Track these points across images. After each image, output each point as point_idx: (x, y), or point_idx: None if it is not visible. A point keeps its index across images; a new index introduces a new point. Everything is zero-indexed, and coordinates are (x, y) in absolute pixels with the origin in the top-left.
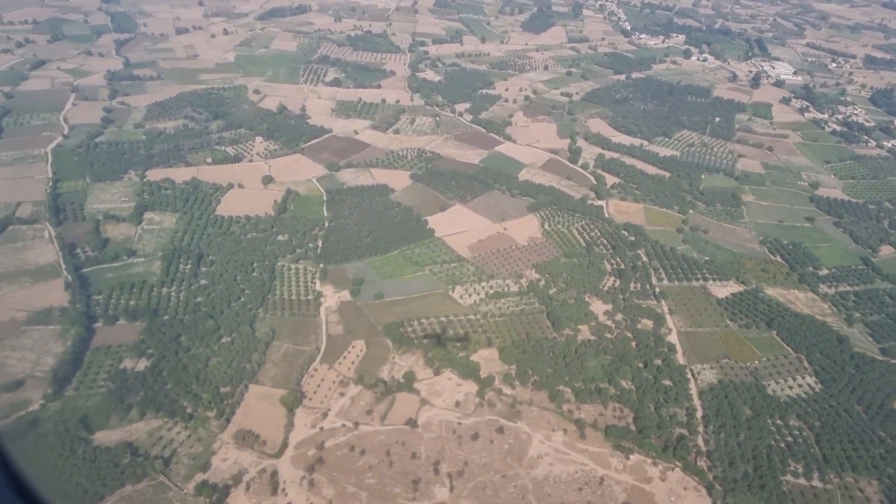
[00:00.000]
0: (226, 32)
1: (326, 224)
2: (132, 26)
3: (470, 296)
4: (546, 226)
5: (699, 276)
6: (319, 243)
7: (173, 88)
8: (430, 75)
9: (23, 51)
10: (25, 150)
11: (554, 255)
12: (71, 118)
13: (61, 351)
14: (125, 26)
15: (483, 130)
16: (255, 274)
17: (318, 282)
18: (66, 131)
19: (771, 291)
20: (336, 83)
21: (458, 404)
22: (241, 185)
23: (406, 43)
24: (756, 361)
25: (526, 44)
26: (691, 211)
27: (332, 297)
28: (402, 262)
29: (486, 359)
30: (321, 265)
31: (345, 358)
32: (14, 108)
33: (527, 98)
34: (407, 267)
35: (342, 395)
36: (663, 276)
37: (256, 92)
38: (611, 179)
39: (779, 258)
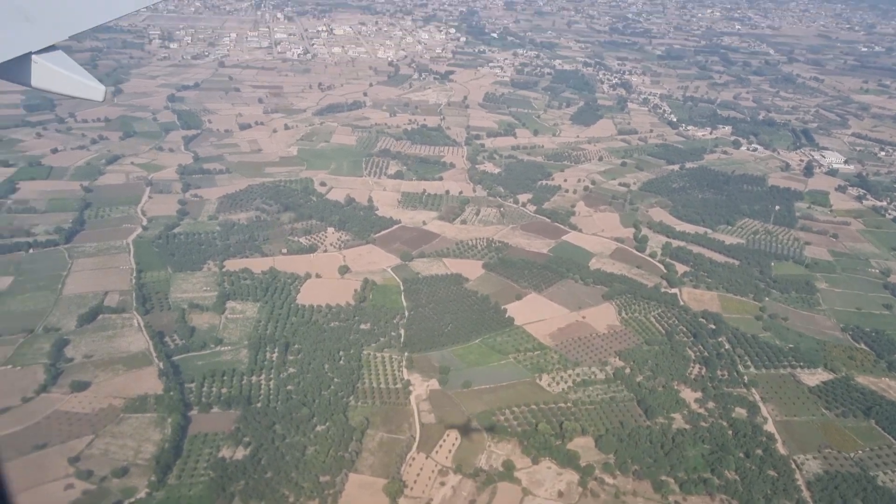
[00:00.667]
0: (286, 128)
1: (406, 313)
2: (198, 123)
3: (557, 384)
4: (623, 314)
5: (786, 363)
6: (402, 332)
7: (242, 181)
8: (489, 167)
9: (97, 147)
10: (108, 242)
11: (635, 342)
12: (148, 210)
13: (160, 438)
14: (191, 123)
15: (548, 220)
16: (342, 362)
17: (404, 370)
18: (144, 223)
19: (861, 380)
20: (399, 175)
21: (561, 494)
22: (318, 275)
23: (461, 136)
24: (859, 451)
25: (577, 136)
26: (767, 298)
27: (421, 386)
28: (486, 351)
29: (583, 447)
30: (406, 354)
31: (440, 446)
32: (94, 201)
33: (586, 188)
34: (491, 355)
35: (443, 484)
36: (749, 363)
37: (323, 184)
38: (680, 267)
39: (863, 346)
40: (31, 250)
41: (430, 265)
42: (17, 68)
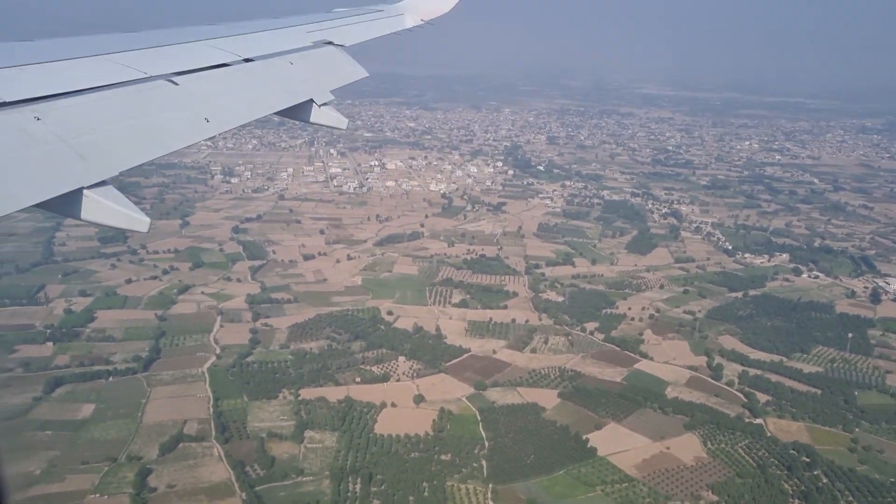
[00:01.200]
0: (349, 258)
1: (486, 443)
2: (263, 254)
3: None
4: (709, 445)
5: (890, 499)
6: (484, 463)
7: (310, 311)
8: (552, 296)
9: (169, 277)
10: (184, 370)
11: (726, 475)
12: (221, 339)
13: None
14: (256, 254)
15: (617, 348)
16: (426, 494)
17: (490, 503)
18: (217, 352)
19: None
20: (464, 304)
21: None
22: (394, 405)
23: (521, 266)
24: None
25: (635, 265)
26: (857, 429)
27: None
28: (572, 483)
29: None
30: (490, 485)
31: None
32: (168, 329)
33: (651, 316)
34: (578, 487)
35: None
36: (851, 499)
37: (390, 313)
38: (761, 396)
39: None
40: (110, 378)
41: (504, 394)
42: (68, 202)
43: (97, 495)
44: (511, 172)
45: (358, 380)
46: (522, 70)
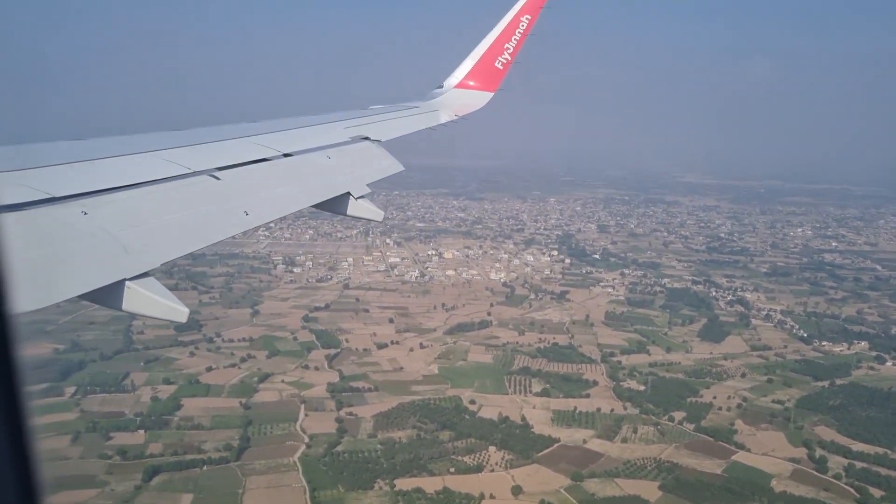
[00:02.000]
0: (422, 346)
1: None
2: (336, 342)
3: None
4: None
5: None
6: None
7: (391, 399)
8: (633, 385)
9: (247, 365)
10: (276, 459)
11: None
12: (308, 428)
13: None
14: (330, 342)
15: (710, 439)
16: None
17: None
18: (307, 441)
19: None
20: (545, 393)
21: None
22: (492, 496)
23: (595, 354)
24: None
25: (711, 353)
26: None
27: None
28: None
29: None
30: None
31: None
32: (254, 418)
33: (739, 406)
34: None
35: None
36: None
37: (472, 402)
38: (874, 491)
39: None
40: (204, 467)
41: (603, 486)
42: (110, 293)
43: None
44: (568, 261)
45: (452, 470)
46: (562, 160)
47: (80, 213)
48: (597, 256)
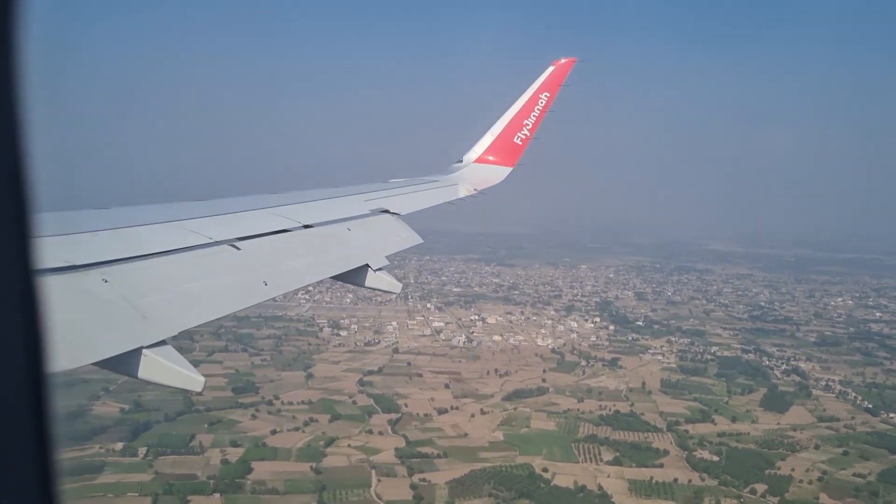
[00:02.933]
0: (482, 413)
1: None
2: (395, 407)
3: None
4: None
5: None
6: None
7: (461, 466)
8: (706, 455)
9: (310, 429)
10: None
11: None
12: (383, 494)
13: None
14: (389, 407)
15: None
16: None
17: None
18: None
19: None
20: (617, 462)
21: None
22: None
23: (659, 422)
24: None
25: (778, 423)
26: None
27: None
28: None
29: None
30: None
31: None
32: (327, 483)
33: (820, 479)
34: None
35: None
36: None
37: (545, 470)
38: None
39: None
40: None
41: None
42: (127, 361)
43: None
44: (612, 328)
45: None
46: (585, 227)
47: (101, 280)
48: (640, 323)
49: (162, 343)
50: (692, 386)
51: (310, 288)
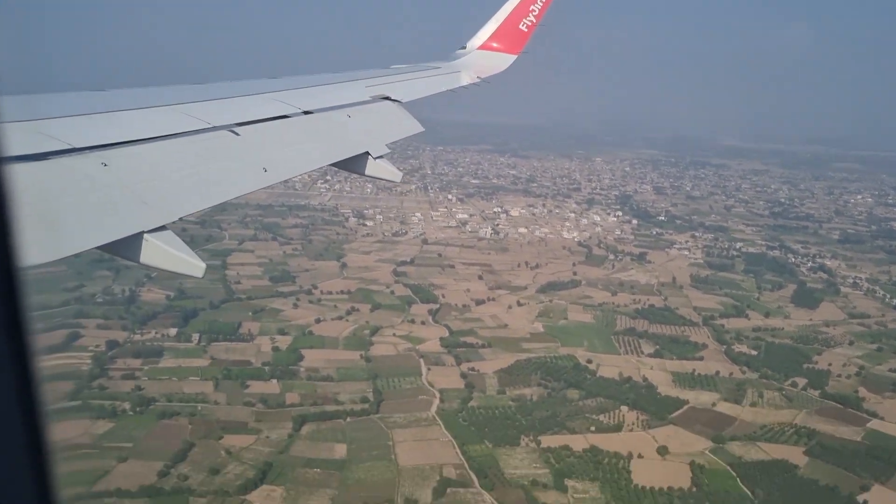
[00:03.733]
0: (519, 304)
1: (755, 501)
2: (433, 297)
3: None
4: None
5: None
6: None
7: (506, 356)
8: (744, 349)
9: (353, 318)
10: (414, 413)
11: None
12: (434, 383)
13: None
14: (427, 297)
15: (839, 406)
16: None
17: None
18: (437, 396)
19: None
20: (658, 355)
21: None
22: (640, 455)
23: (694, 317)
24: None
25: (810, 319)
26: None
27: None
28: None
29: None
30: None
31: None
32: (378, 371)
33: (858, 373)
34: None
35: None
36: None
37: (589, 362)
38: None
39: None
40: (347, 419)
41: (747, 450)
42: (128, 246)
43: None
44: (635, 222)
45: (592, 429)
46: (595, 120)
47: (100, 164)
48: (662, 218)
49: (162, 228)
50: (722, 281)
51: (328, 177)
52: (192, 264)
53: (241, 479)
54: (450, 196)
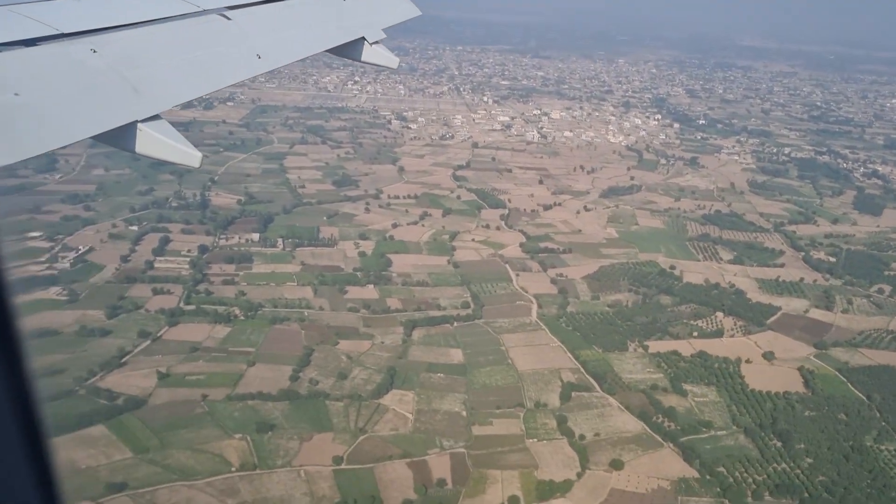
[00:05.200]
0: (586, 209)
1: (870, 404)
2: (499, 202)
3: None
4: None
5: None
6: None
7: (588, 262)
8: (821, 255)
9: (427, 222)
10: (516, 319)
11: None
12: (526, 288)
13: None
14: (493, 202)
15: None
16: (852, 455)
17: None
18: (534, 302)
19: None
20: (738, 261)
21: None
22: (748, 361)
23: (762, 222)
24: None
25: (878, 226)
26: None
27: None
28: None
29: None
30: None
31: None
32: (468, 277)
33: None
34: None
35: None
36: None
37: (672, 268)
38: None
39: None
40: (455, 324)
41: (850, 355)
42: (122, 135)
43: (533, 440)
44: (676, 126)
45: (695, 334)
46: (608, 18)
47: (90, 50)
48: (702, 122)
49: (156, 117)
50: (780, 187)
51: (356, 78)
52: (187, 153)
53: (369, 384)
54: (485, 98)
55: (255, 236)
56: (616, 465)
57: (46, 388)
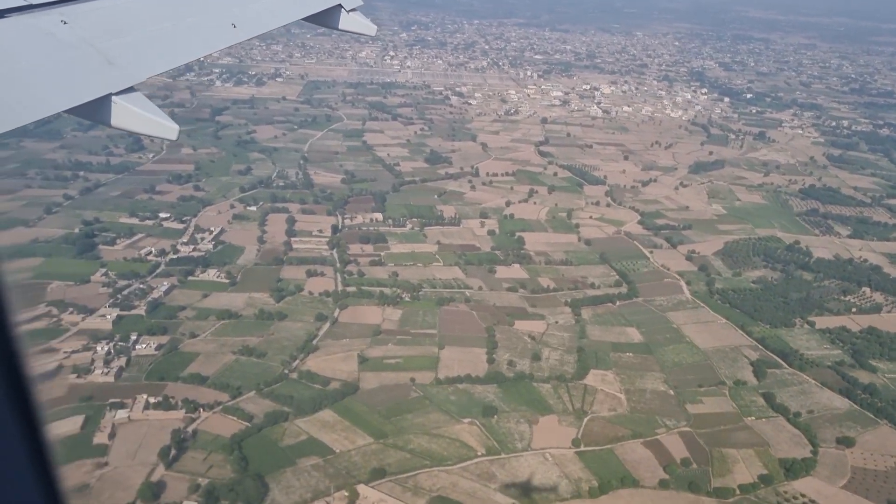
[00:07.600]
0: (682, 185)
1: None
2: (597, 179)
3: None
4: None
5: None
6: None
7: (711, 238)
8: None
9: (537, 199)
10: (672, 296)
11: None
12: (668, 266)
13: None
14: (591, 179)
15: None
16: None
17: None
18: (678, 278)
19: None
20: (857, 235)
21: None
22: None
23: (861, 196)
24: None
25: None
26: None
27: None
28: None
29: None
30: None
31: None
32: (605, 254)
33: None
34: None
35: None
36: None
37: (797, 243)
38: None
39: None
40: (617, 303)
41: None
42: (97, 109)
43: (751, 418)
44: (727, 100)
45: (854, 310)
46: None
47: (60, 22)
48: (750, 96)
49: (131, 90)
50: (857, 160)
51: (391, 52)
52: (164, 126)
53: (565, 364)
54: (528, 73)
55: (378, 216)
56: (847, 442)
57: (260, 374)
